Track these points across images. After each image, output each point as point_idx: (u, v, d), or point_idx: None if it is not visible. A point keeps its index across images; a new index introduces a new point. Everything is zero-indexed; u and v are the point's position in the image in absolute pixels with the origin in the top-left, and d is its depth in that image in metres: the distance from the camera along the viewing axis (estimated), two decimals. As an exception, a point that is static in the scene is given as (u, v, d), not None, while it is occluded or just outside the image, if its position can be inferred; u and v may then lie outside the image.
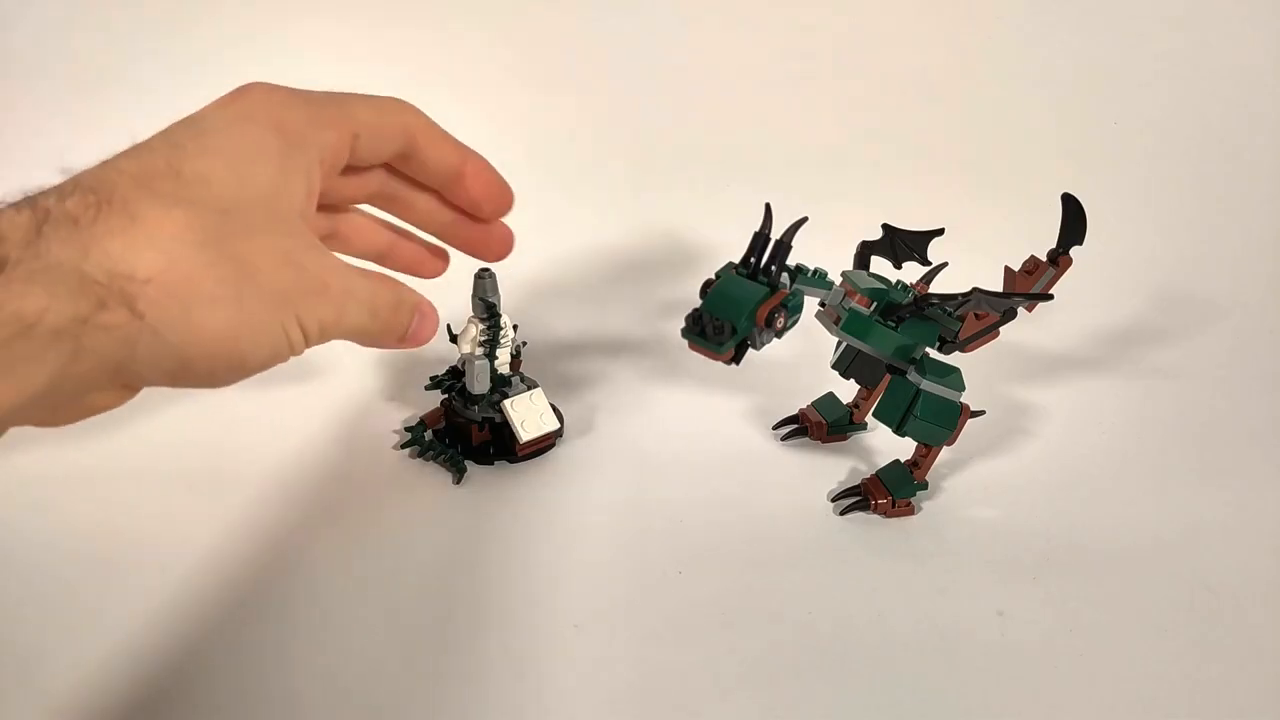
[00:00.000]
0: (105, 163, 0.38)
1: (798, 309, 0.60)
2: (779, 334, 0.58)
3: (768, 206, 0.58)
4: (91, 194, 0.36)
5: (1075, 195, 0.59)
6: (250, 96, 0.44)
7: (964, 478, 0.67)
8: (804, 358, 0.77)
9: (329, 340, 0.44)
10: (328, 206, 0.51)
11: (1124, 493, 0.66)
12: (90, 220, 0.35)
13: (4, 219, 0.34)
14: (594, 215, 1.06)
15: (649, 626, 0.53)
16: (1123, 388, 0.81)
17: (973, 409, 0.61)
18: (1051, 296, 0.60)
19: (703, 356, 0.57)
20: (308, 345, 0.43)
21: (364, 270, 0.47)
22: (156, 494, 0.61)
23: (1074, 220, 0.60)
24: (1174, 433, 0.74)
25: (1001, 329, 0.61)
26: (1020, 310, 0.60)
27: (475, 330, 0.62)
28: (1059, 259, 0.60)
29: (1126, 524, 0.63)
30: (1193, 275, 1.00)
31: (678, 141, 1.11)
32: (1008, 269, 0.61)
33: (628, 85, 1.12)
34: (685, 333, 0.57)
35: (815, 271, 0.61)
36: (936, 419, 0.59)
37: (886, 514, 0.62)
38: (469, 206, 0.54)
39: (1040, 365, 0.83)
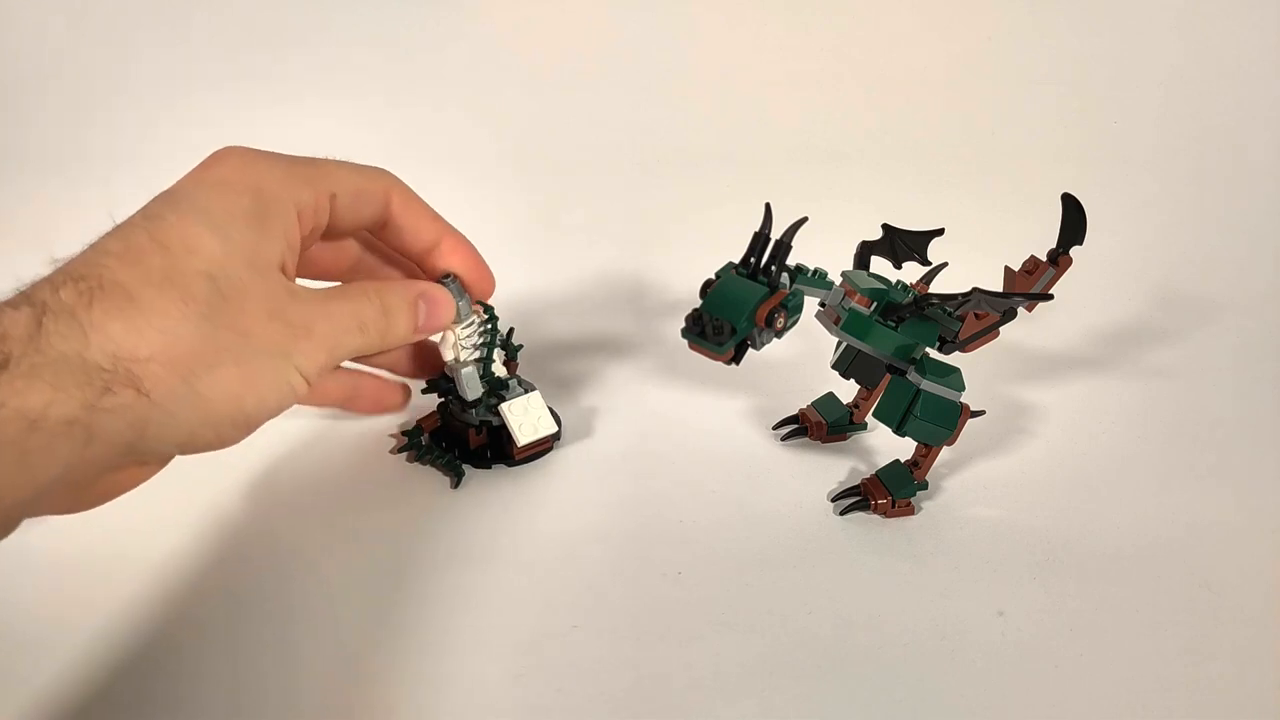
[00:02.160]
0: (91, 247, 0.39)
1: (798, 309, 0.60)
2: (779, 334, 0.58)
3: (767, 206, 0.58)
4: (83, 281, 0.37)
5: (1075, 195, 0.60)
6: (225, 162, 0.45)
7: (964, 478, 0.67)
8: (804, 358, 0.77)
9: (333, 368, 0.48)
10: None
11: (1125, 492, 0.66)
12: (86, 307, 0.36)
13: (5, 317, 0.35)
14: (592, 214, 1.06)
15: (649, 627, 0.53)
16: (1123, 387, 0.81)
17: (973, 409, 0.61)
18: (1051, 296, 0.60)
19: (703, 357, 0.57)
20: (310, 386, 0.45)
21: (345, 291, 0.49)
22: (149, 494, 0.61)
23: (1074, 220, 0.60)
24: (1175, 432, 0.74)
25: (1002, 329, 0.62)
26: (1020, 310, 0.60)
27: (454, 337, 0.61)
28: (1059, 259, 0.60)
29: (1127, 524, 0.63)
30: (1193, 275, 1.00)
31: (677, 141, 1.11)
32: (1008, 269, 0.61)
33: (627, 84, 1.12)
34: (685, 333, 0.57)
35: (815, 271, 0.61)
36: (936, 419, 0.59)
37: (886, 514, 0.62)
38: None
39: (1040, 365, 0.83)
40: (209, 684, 0.48)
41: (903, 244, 0.65)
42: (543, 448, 0.66)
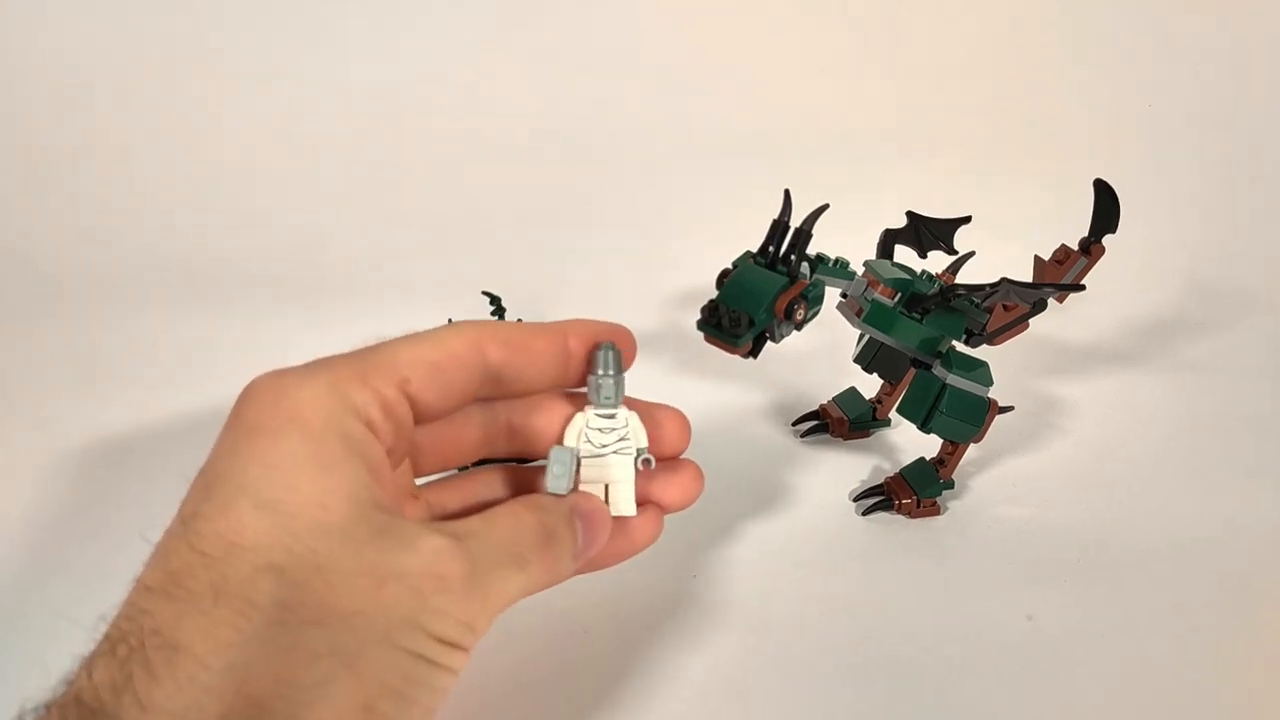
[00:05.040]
0: (134, 586, 0.32)
1: (818, 300, 0.59)
2: (798, 326, 0.58)
3: (786, 193, 0.58)
4: (122, 644, 0.30)
5: (1108, 181, 0.59)
6: (253, 400, 0.35)
7: (992, 476, 0.67)
8: (824, 351, 0.77)
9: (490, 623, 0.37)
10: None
11: (1160, 491, 0.66)
12: (125, 682, 0.29)
13: None
14: (605, 203, 1.06)
15: (662, 630, 0.53)
16: (1158, 382, 0.81)
17: (1001, 404, 0.61)
18: (1083, 287, 0.59)
19: (719, 350, 0.57)
20: (468, 649, 0.35)
21: (483, 517, 0.38)
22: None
23: (1107, 207, 0.59)
24: (1211, 428, 0.74)
25: (1031, 321, 0.61)
26: (1051, 301, 0.60)
27: (582, 422, 0.52)
28: (1091, 248, 0.60)
29: (1162, 523, 0.62)
30: (1231, 264, 1.00)
31: (692, 127, 1.11)
32: (1037, 258, 0.61)
33: (642, 70, 1.12)
34: (701, 325, 0.57)
35: (836, 261, 0.61)
36: (963, 415, 0.59)
37: (911, 514, 0.62)
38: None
39: (1072, 359, 0.83)
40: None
41: (928, 232, 0.65)
42: None
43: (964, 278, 0.64)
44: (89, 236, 1.02)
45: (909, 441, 0.70)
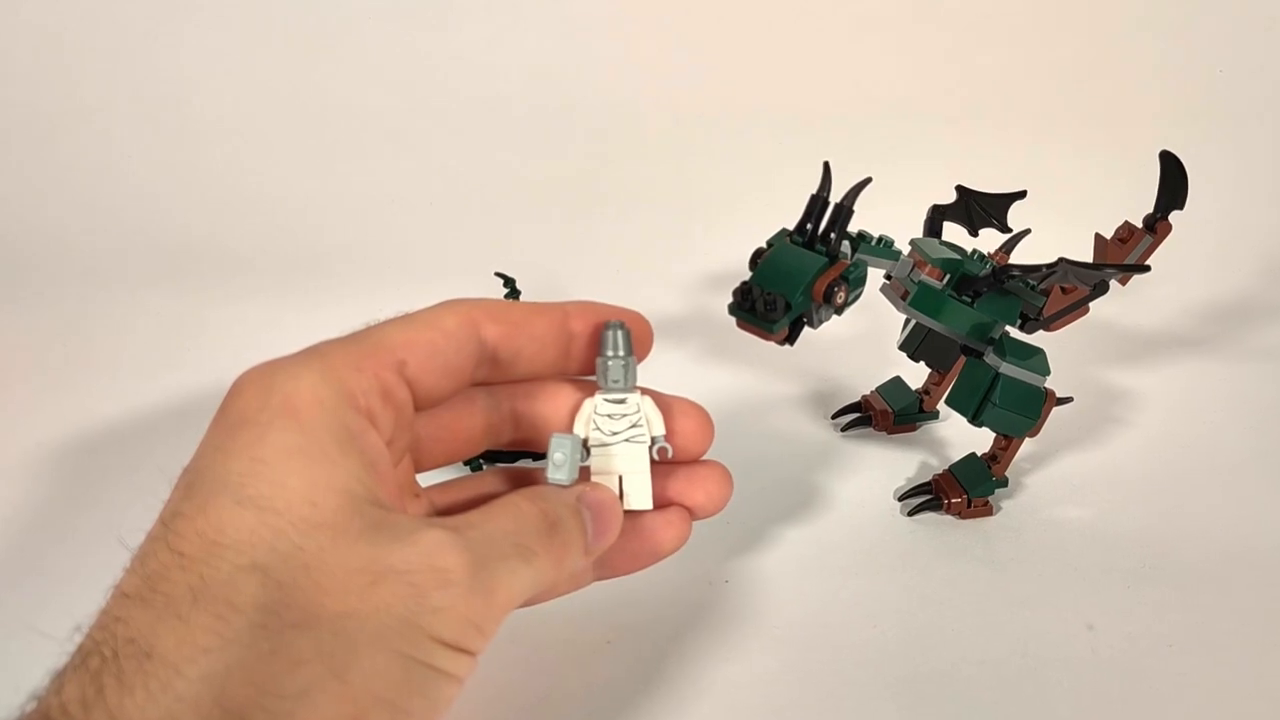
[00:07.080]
0: (111, 593, 0.32)
1: (860, 282, 0.59)
2: (839, 310, 0.57)
3: (826, 166, 0.57)
4: (93, 656, 0.30)
5: (1175, 153, 0.58)
6: (242, 393, 0.35)
7: (1049, 473, 0.66)
8: (867, 337, 0.76)
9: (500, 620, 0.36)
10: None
11: (1232, 490, 0.65)
12: (96, 695, 0.29)
13: None
14: (630, 177, 1.06)
15: (690, 641, 0.52)
16: (1230, 371, 0.80)
17: (1059, 395, 0.60)
18: (1148, 268, 0.58)
19: (752, 336, 0.57)
20: (475, 656, 0.35)
21: (481, 511, 0.37)
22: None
23: (1174, 181, 0.59)
24: (1289, 422, 0.73)
25: (1092, 305, 0.61)
26: (1113, 284, 0.59)
27: (590, 408, 0.47)
28: (1157, 225, 0.59)
29: (1234, 525, 0.62)
30: (1310, 243, 0.99)
31: (724, 94, 1.11)
32: (1099, 236, 0.61)
33: (666, 28, 1.12)
34: (733, 309, 0.56)
35: (880, 239, 0.61)
36: (1017, 407, 0.59)
37: (961, 515, 0.62)
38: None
39: (1136, 346, 0.82)
40: None
41: (979, 208, 0.65)
42: None
43: (1019, 258, 0.64)
44: (71, 215, 1.03)
45: (959, 435, 0.69)
